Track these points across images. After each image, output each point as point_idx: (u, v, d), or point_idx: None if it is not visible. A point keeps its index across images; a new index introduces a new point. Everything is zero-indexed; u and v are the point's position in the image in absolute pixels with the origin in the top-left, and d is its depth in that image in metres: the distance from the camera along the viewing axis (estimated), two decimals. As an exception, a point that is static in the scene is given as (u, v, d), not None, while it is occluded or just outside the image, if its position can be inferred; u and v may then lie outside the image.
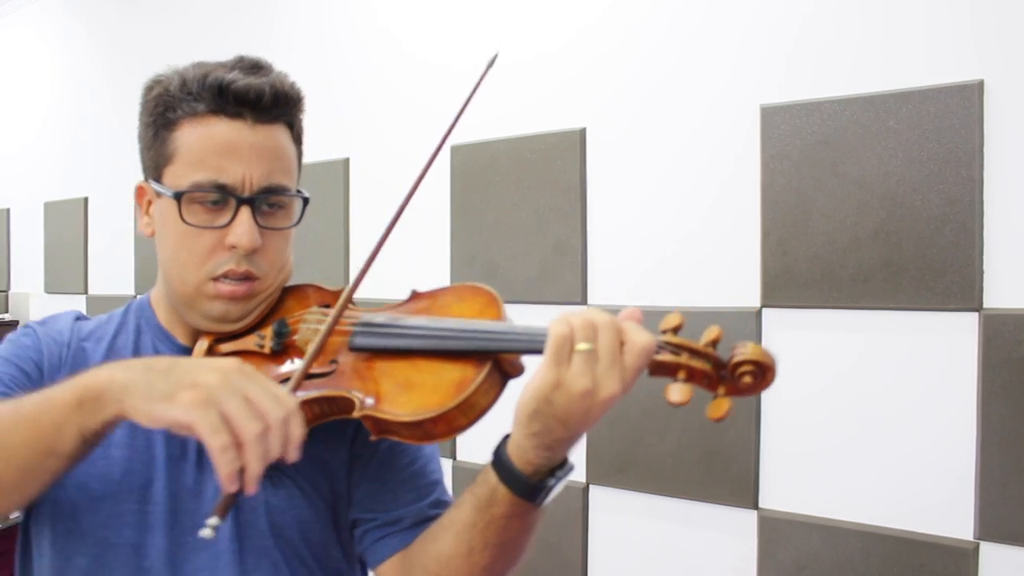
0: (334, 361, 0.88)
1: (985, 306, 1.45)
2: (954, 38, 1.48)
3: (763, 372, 0.73)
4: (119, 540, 0.89)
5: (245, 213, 0.89)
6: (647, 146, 1.87)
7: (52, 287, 3.72)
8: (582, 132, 1.96)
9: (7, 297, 4.09)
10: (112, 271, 3.36)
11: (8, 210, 4.09)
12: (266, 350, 0.92)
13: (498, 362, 0.81)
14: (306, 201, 0.97)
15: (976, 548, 1.45)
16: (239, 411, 0.70)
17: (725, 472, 1.73)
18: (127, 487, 0.91)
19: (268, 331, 0.94)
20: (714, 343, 0.75)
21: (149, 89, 0.96)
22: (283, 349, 0.93)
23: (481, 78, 0.92)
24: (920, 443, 1.51)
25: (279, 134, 0.93)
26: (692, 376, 0.75)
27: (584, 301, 1.95)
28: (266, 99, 0.90)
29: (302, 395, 0.84)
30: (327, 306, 0.96)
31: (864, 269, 1.55)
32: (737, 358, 0.73)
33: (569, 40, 1.99)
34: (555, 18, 2.02)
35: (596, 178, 1.95)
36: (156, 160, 0.93)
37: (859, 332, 1.56)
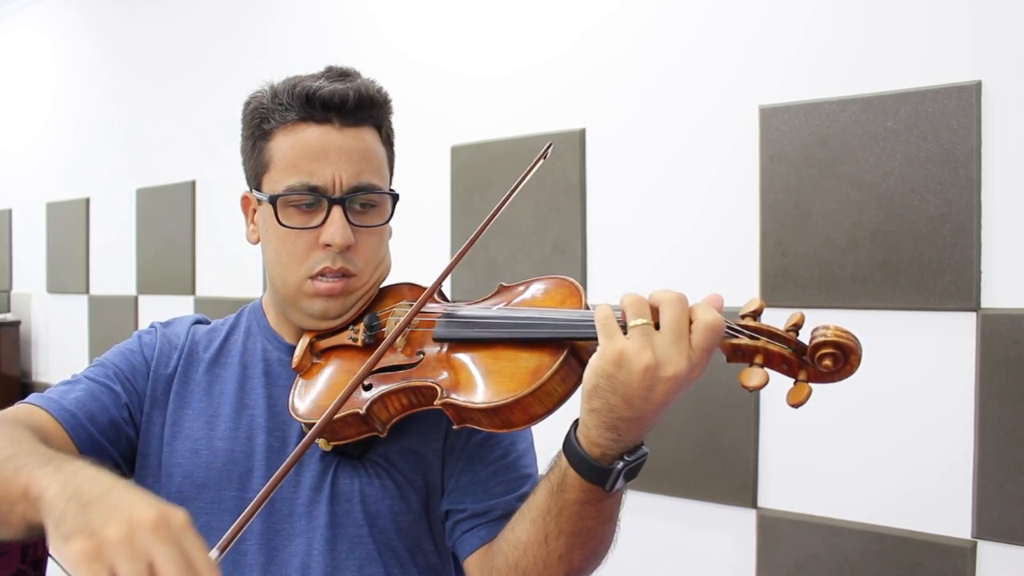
0: (420, 352, 0.92)
1: (983, 306, 1.45)
2: (952, 39, 1.48)
3: (846, 356, 0.70)
4: (219, 525, 0.93)
5: (337, 212, 0.94)
6: (646, 146, 1.87)
7: (54, 287, 3.73)
8: (582, 133, 1.96)
9: (9, 297, 4.10)
10: (114, 271, 3.37)
11: (10, 210, 4.10)
12: (359, 343, 0.97)
13: (576, 350, 0.82)
14: (396, 198, 1.01)
15: (974, 547, 1.45)
16: (129, 574, 0.60)
17: (724, 471, 1.73)
18: (228, 475, 0.96)
19: (361, 325, 0.98)
20: (796, 328, 0.73)
21: (246, 105, 1.01)
22: (375, 342, 0.97)
23: (534, 164, 0.96)
24: (918, 442, 1.52)
25: (367, 136, 0.98)
26: (770, 360, 0.73)
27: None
28: (351, 103, 0.95)
29: (388, 387, 0.88)
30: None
31: (862, 269, 1.56)
32: (817, 340, 0.70)
33: (570, 42, 2.00)
34: (557, 20, 2.02)
35: (596, 178, 1.95)
36: (255, 169, 0.99)
37: (857, 332, 1.55)
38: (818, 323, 0.73)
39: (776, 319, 0.77)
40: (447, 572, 1.02)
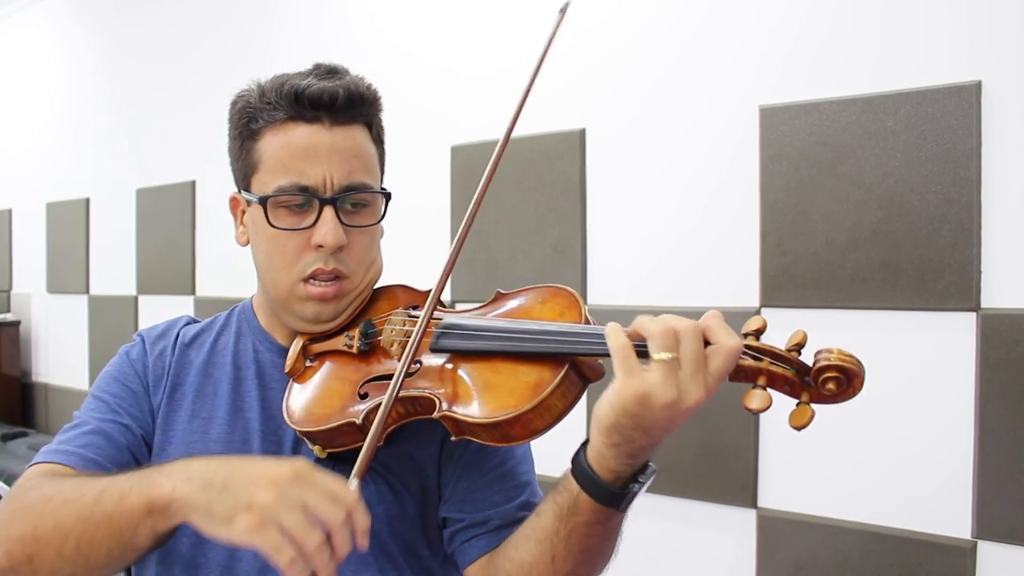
0: (418, 362, 0.90)
1: (983, 306, 1.45)
2: (952, 39, 1.49)
3: (849, 379, 0.70)
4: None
5: (328, 212, 0.92)
6: (646, 147, 1.87)
7: (54, 287, 3.73)
8: (582, 133, 1.96)
9: (9, 297, 4.10)
10: (113, 272, 3.37)
11: (10, 211, 4.10)
12: (354, 350, 0.96)
13: (576, 365, 0.81)
14: (388, 197, 0.99)
15: (974, 547, 1.45)
16: (298, 526, 0.68)
17: (724, 471, 1.73)
18: None
19: (356, 332, 0.97)
20: (798, 347, 0.73)
21: (233, 104, 1.00)
22: (370, 349, 0.96)
23: (555, 31, 0.93)
24: (918, 442, 1.52)
25: (357, 134, 0.96)
26: (773, 382, 0.72)
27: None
28: (340, 101, 0.93)
29: (385, 397, 0.87)
30: (414, 307, 0.98)
31: (862, 269, 1.56)
32: (820, 363, 0.70)
33: (570, 42, 2.00)
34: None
35: (596, 178, 1.95)
36: (244, 170, 0.98)
37: (857, 332, 1.57)
38: (820, 330, 0.74)
39: (775, 319, 0.77)
40: None
